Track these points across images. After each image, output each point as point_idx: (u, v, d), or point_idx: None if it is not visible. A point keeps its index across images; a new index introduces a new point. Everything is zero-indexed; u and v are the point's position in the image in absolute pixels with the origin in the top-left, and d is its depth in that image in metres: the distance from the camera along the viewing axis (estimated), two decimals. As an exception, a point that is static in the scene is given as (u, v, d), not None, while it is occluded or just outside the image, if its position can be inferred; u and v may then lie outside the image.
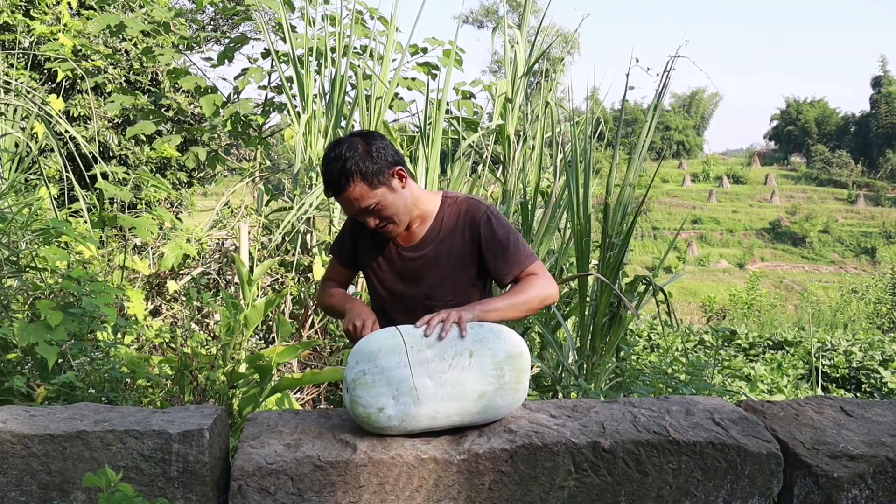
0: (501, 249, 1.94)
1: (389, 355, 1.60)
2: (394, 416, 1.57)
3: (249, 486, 1.53)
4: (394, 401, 1.56)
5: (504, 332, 1.72)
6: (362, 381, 1.58)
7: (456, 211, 1.99)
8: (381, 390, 1.57)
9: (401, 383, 1.57)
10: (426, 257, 1.97)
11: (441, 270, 1.97)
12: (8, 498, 1.55)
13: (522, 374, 1.70)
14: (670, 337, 7.49)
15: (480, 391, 1.62)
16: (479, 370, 1.62)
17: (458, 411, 1.61)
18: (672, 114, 54.11)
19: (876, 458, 1.67)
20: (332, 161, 1.84)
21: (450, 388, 1.59)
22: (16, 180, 3.63)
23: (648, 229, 39.81)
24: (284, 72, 4.56)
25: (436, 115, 3.78)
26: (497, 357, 1.65)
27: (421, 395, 1.57)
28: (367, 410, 1.57)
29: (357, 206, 1.85)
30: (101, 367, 2.44)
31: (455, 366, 1.61)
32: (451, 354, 1.62)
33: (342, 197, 1.85)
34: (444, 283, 1.97)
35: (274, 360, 2.70)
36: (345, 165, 1.82)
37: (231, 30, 7.62)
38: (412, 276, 1.99)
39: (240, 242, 3.87)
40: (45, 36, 5.02)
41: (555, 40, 5.78)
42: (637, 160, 3.67)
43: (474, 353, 1.63)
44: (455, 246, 1.97)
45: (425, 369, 1.59)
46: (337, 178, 1.83)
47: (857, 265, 36.85)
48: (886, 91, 47.05)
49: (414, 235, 1.99)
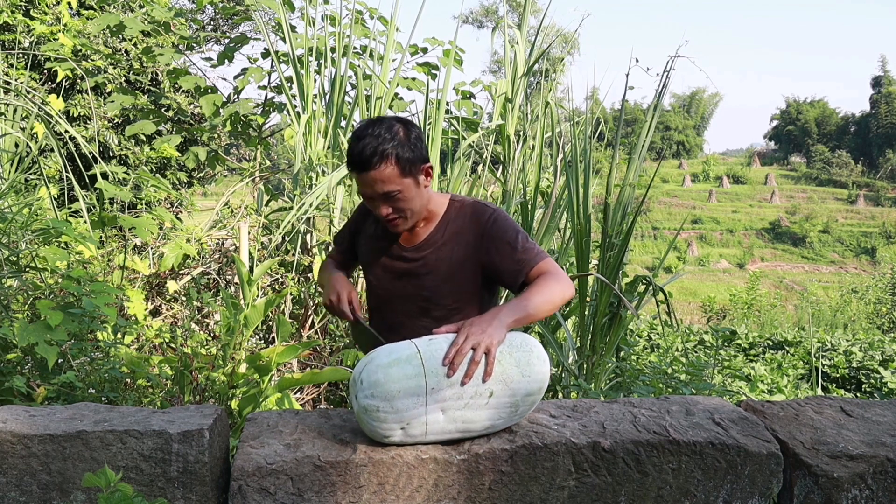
0: (510, 249, 1.88)
1: (407, 398, 1.53)
2: (401, 440, 1.59)
3: (249, 486, 1.53)
4: (402, 431, 1.57)
5: (533, 367, 1.63)
6: (375, 416, 1.54)
7: (462, 215, 1.93)
8: (392, 426, 1.56)
9: (413, 419, 1.55)
10: (427, 259, 1.92)
11: (441, 275, 1.91)
12: (8, 498, 1.55)
13: (535, 403, 1.68)
14: (670, 337, 7.49)
15: (489, 425, 1.62)
16: (495, 409, 1.60)
17: (463, 435, 1.63)
18: (672, 114, 54.13)
19: (876, 458, 1.67)
20: (367, 137, 1.76)
21: (460, 423, 1.59)
22: (16, 180, 3.63)
23: (648, 229, 39.83)
24: (284, 72, 4.56)
25: (436, 115, 3.79)
26: (516, 397, 1.61)
27: (430, 430, 1.57)
28: (373, 434, 1.58)
29: (379, 188, 1.77)
30: (101, 367, 2.44)
31: (471, 405, 1.58)
32: (471, 394, 1.57)
33: (368, 175, 1.76)
34: (443, 288, 1.92)
35: (274, 360, 2.70)
36: (382, 144, 1.75)
37: (231, 30, 7.62)
38: (411, 277, 1.94)
39: (240, 242, 3.87)
40: (45, 36, 5.02)
41: (555, 40, 5.78)
42: (637, 160, 3.67)
43: (494, 394, 1.59)
44: (458, 251, 1.91)
45: (440, 405, 1.56)
46: (370, 154, 1.74)
47: (857, 265, 36.87)
48: (886, 91, 47.04)
49: (417, 236, 1.94)
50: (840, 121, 51.77)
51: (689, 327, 9.02)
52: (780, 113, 54.84)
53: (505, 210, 4.08)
